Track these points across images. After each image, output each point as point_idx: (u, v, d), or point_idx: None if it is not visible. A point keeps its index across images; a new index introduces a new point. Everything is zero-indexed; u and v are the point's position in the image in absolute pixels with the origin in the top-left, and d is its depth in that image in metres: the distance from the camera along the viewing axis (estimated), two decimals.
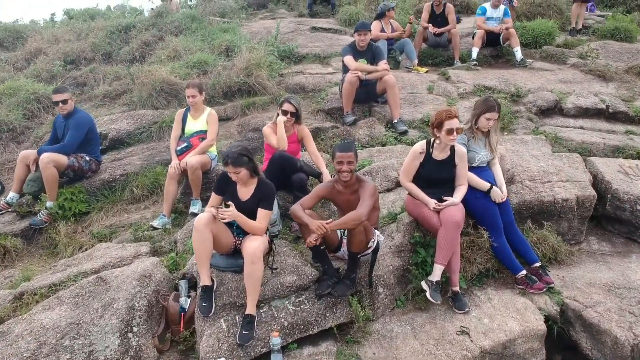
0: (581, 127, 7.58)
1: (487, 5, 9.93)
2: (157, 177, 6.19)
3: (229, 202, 4.15)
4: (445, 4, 9.82)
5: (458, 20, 12.06)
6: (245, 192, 4.33)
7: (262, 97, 7.63)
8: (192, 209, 5.58)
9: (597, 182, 5.89)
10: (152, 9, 14.86)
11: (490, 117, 4.87)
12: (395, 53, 9.55)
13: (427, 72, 9.19)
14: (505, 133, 7.09)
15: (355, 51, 7.08)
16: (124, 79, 8.49)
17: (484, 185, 4.82)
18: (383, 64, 7.00)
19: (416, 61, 9.33)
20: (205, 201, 4.97)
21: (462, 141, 4.93)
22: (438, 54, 10.04)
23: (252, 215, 4.23)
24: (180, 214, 5.74)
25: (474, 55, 9.69)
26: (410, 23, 9.39)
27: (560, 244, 5.31)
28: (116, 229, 5.67)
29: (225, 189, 4.35)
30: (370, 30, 7.11)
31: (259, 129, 6.95)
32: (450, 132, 4.54)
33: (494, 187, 4.84)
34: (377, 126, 6.96)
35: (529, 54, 10.29)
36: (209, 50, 9.27)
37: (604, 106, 7.89)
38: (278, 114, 5.38)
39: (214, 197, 4.41)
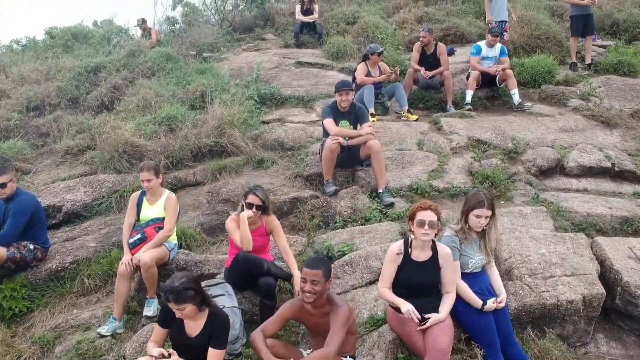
0: (585, 190, 6.94)
1: (482, 43, 9.29)
2: (112, 264, 5.51)
3: (171, 351, 3.47)
4: (436, 44, 9.17)
5: (451, 52, 11.48)
6: (193, 326, 3.67)
7: (235, 158, 6.97)
8: (146, 311, 4.90)
9: (605, 271, 5.23)
10: (132, 37, 14.24)
11: (480, 214, 4.21)
12: (384, 98, 8.89)
13: (417, 119, 8.53)
14: (502, 202, 6.44)
15: (336, 112, 6.42)
16: (87, 132, 7.81)
17: (476, 302, 4.16)
18: (367, 128, 6.33)
19: (406, 107, 8.66)
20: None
21: (453, 244, 4.28)
22: (430, 97, 9.40)
23: (203, 354, 3.57)
24: (133, 314, 5.06)
25: (468, 98, 9.04)
26: (396, 74, 8.71)
27: (565, 354, 4.64)
28: (62, 332, 4.99)
29: (170, 322, 3.68)
30: (352, 89, 6.44)
31: (230, 200, 6.29)
32: (420, 224, 3.95)
33: (488, 302, 4.18)
34: (361, 196, 6.29)
35: (527, 95, 9.65)
36: (183, 95, 8.60)
37: (609, 164, 7.23)
38: (242, 206, 4.71)
39: (158, 330, 3.74)
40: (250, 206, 4.62)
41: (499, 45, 9.27)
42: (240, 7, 15.26)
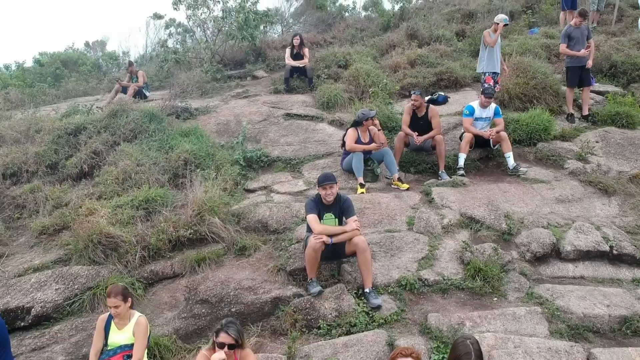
0: (582, 277, 6.67)
1: (475, 104, 8.99)
2: None
3: None
4: (428, 107, 8.87)
5: (444, 100, 11.20)
6: None
7: (215, 246, 6.65)
8: None
9: None
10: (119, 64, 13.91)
11: None
12: (373, 165, 8.59)
13: (408, 189, 8.21)
14: (495, 299, 6.13)
15: (320, 205, 6.10)
16: (64, 208, 7.50)
17: None
18: (353, 223, 6.01)
19: (397, 175, 8.35)
20: None
21: None
22: (421, 160, 9.10)
23: None
24: None
25: (461, 162, 8.75)
26: (384, 144, 8.42)
27: None
28: None
29: None
30: (335, 182, 6.11)
31: (208, 301, 5.97)
32: None
33: None
34: (346, 296, 5.96)
35: (522, 155, 9.37)
36: (165, 163, 8.30)
37: (607, 247, 6.93)
38: (214, 342, 4.40)
39: None
40: (222, 346, 4.30)
41: (493, 105, 8.97)
42: (230, 42, 14.90)
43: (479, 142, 9.02)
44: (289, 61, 12.33)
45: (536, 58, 12.70)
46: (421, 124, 8.84)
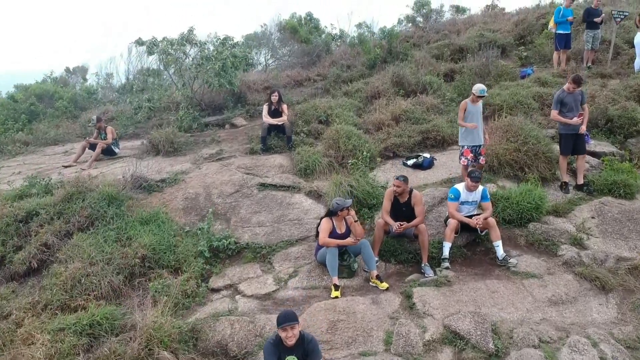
0: None
1: (460, 187, 8.28)
2: None
3: None
4: (411, 192, 8.16)
5: (430, 164, 10.52)
6: None
7: None
8: None
9: None
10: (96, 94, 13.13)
11: None
12: (350, 260, 7.89)
13: (387, 289, 7.49)
14: None
15: (280, 349, 5.37)
16: (2, 324, 6.74)
17: None
18: None
19: (375, 272, 7.63)
20: None
21: None
22: (403, 249, 8.37)
23: None
24: None
25: (446, 251, 8.05)
26: (357, 239, 7.71)
27: None
28: None
29: None
30: (297, 322, 5.37)
31: None
32: None
33: None
34: None
35: (512, 238, 8.68)
36: (121, 260, 7.56)
37: None
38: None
39: None
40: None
41: (480, 188, 8.26)
42: (208, 86, 14.17)
43: (466, 226, 8.31)
44: (267, 119, 11.60)
45: (528, 112, 12.08)
46: (403, 210, 8.13)
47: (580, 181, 9.91)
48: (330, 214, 7.76)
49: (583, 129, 9.66)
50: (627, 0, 19.65)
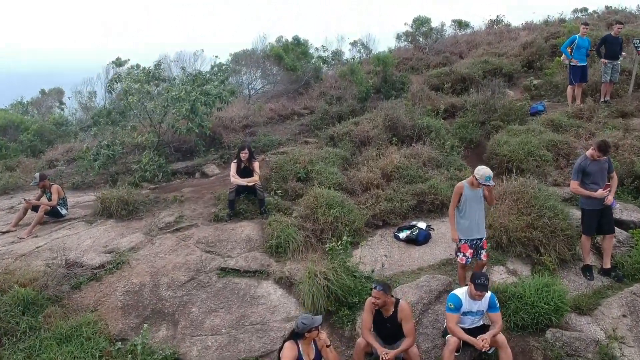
0: None
1: (461, 293, 6.56)
2: None
3: None
4: (397, 304, 6.45)
5: (427, 239, 8.86)
6: None
7: None
8: None
9: None
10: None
11: None
12: None
13: None
14: None
15: None
16: None
17: None
18: None
19: None
20: None
21: None
22: None
23: None
24: None
25: None
26: None
27: None
28: None
29: None
30: None
31: None
32: None
33: None
34: None
35: (526, 352, 6.94)
36: None
37: None
38: None
39: None
40: None
41: (487, 294, 6.54)
42: (175, 131, 12.49)
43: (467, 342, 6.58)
44: (235, 179, 9.91)
45: (541, 166, 10.36)
46: (388, 327, 6.42)
47: (607, 265, 8.19)
48: (295, 336, 6.06)
49: (610, 199, 7.95)
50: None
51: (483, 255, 7.34)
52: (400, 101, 14.76)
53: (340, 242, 7.94)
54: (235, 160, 10.09)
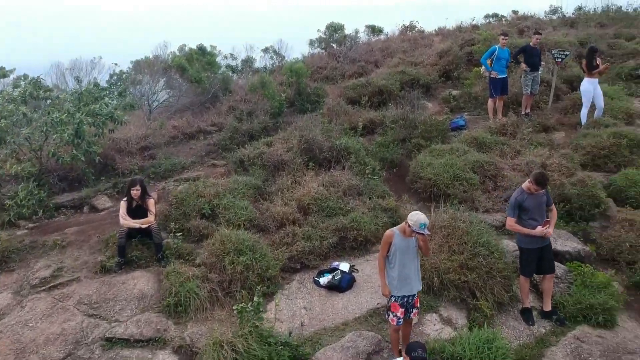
0: None
1: None
2: None
3: None
4: None
5: (350, 284, 7.79)
6: None
7: None
8: None
9: None
10: None
11: None
12: None
13: None
14: None
15: None
16: None
17: None
18: None
19: None
20: None
21: None
22: None
23: None
24: None
25: None
26: None
27: None
28: None
29: None
30: None
31: None
32: None
33: None
34: None
35: None
36: None
37: None
38: None
39: None
40: None
41: None
42: (57, 160, 10.74)
43: None
44: (126, 221, 8.42)
45: (469, 191, 9.57)
46: None
47: (548, 307, 7.45)
48: None
49: (550, 232, 7.18)
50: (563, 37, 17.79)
51: (413, 314, 6.30)
52: (315, 116, 13.69)
53: (251, 302, 6.66)
54: (125, 199, 8.59)
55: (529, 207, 7.12)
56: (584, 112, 12.38)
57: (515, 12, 28.22)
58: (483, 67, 13.03)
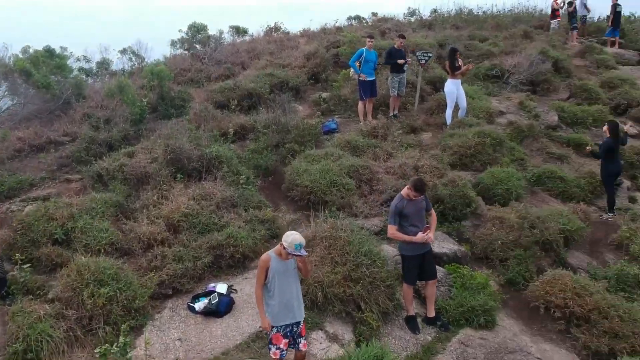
0: None
1: None
2: None
3: None
4: None
5: (229, 306, 7.23)
6: None
7: None
8: None
9: None
10: None
11: None
12: None
13: None
14: None
15: None
16: None
17: None
18: None
19: None
20: None
21: None
22: None
23: None
24: None
25: None
26: None
27: None
28: None
29: None
30: None
31: None
32: None
33: None
34: None
35: None
36: None
37: None
38: None
39: None
40: None
41: None
42: None
43: None
44: None
45: (346, 197, 9.35)
46: None
47: (432, 313, 7.41)
48: None
49: (431, 238, 7.12)
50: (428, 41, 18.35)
51: (302, 345, 5.84)
52: (181, 121, 12.84)
53: (116, 340, 5.84)
54: None
55: (409, 214, 7.00)
56: (448, 112, 12.73)
57: (374, 14, 28.96)
58: (352, 70, 12.96)
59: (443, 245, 8.77)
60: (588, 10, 22.71)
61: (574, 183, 11.30)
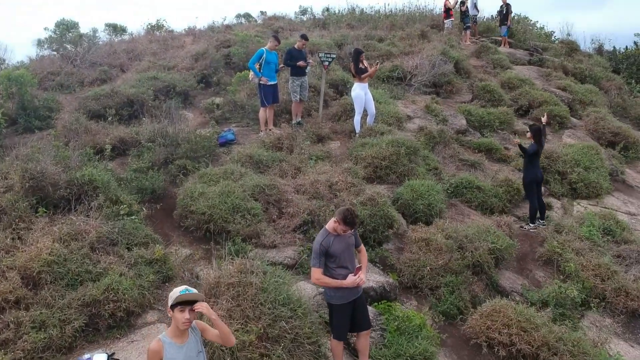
0: None
1: None
2: None
3: None
4: None
5: None
6: None
7: None
8: None
9: None
10: None
11: None
12: None
13: None
14: None
15: None
16: None
17: None
18: None
19: None
20: None
21: None
22: None
23: None
24: None
25: None
26: None
27: None
28: None
29: None
30: None
31: None
32: None
33: None
34: None
35: None
36: None
37: None
38: None
39: None
40: None
41: None
42: None
43: None
44: None
45: (252, 224, 7.92)
46: None
47: None
48: None
49: (363, 280, 5.88)
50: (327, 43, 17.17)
51: None
52: (47, 136, 10.75)
53: None
54: None
55: (337, 253, 5.72)
56: (357, 119, 11.61)
57: (263, 12, 27.54)
58: (252, 73, 11.47)
59: (369, 277, 7.53)
60: (478, 10, 22.78)
61: (492, 192, 10.62)
